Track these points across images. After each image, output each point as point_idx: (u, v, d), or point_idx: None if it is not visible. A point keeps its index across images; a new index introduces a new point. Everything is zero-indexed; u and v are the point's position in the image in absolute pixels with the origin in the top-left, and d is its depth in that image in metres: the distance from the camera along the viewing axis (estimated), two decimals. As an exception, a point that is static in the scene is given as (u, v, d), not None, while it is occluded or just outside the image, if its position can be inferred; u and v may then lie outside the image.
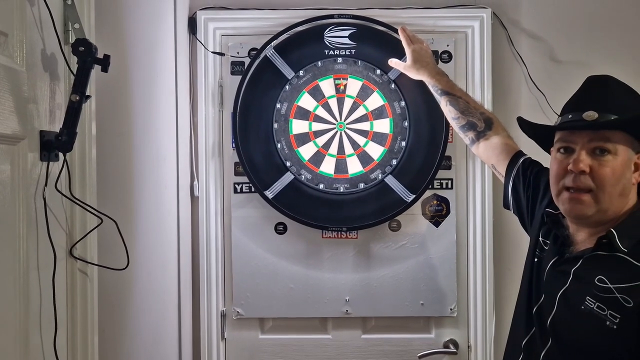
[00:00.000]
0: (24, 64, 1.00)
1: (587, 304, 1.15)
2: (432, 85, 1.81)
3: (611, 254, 1.16)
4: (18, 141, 0.98)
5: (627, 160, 1.18)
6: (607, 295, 1.13)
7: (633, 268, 1.13)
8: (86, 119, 1.21)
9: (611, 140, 1.17)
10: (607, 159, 1.17)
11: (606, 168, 1.17)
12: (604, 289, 1.14)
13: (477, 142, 1.69)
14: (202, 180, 2.12)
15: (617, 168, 1.17)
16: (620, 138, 1.18)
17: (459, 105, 1.73)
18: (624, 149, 1.18)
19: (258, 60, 2.06)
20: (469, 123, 1.70)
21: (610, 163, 1.17)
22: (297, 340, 2.16)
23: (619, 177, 1.17)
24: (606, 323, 1.11)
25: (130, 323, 1.54)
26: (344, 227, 2.08)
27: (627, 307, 1.10)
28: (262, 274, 2.13)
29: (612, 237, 1.16)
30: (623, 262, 1.14)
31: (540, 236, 1.37)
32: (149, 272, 1.68)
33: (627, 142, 1.18)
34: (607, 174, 1.17)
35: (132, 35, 1.55)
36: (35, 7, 1.04)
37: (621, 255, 1.15)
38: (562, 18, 2.11)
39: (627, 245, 1.15)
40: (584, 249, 1.23)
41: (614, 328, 1.10)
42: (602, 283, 1.14)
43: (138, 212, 1.59)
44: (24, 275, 1.00)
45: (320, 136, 2.08)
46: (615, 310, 1.11)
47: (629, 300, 1.10)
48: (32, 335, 1.02)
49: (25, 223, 1.00)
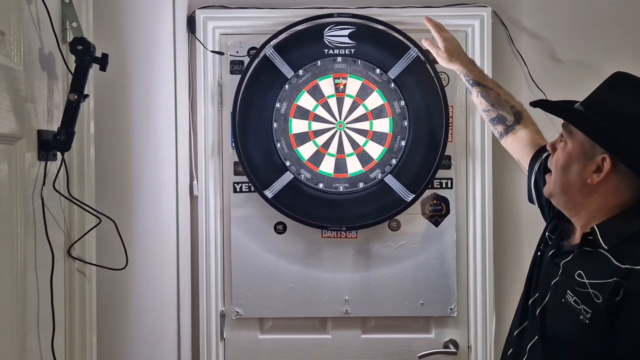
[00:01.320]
0: (21, 63, 0.99)
1: (567, 297, 1.18)
2: (465, 74, 1.80)
3: (595, 250, 1.18)
4: (16, 140, 0.97)
5: (576, 153, 1.21)
6: (582, 290, 1.15)
7: (611, 266, 1.13)
8: (84, 118, 1.20)
9: (568, 130, 1.22)
10: (561, 146, 1.24)
11: (558, 153, 1.24)
12: (581, 283, 1.16)
13: (505, 136, 1.70)
14: (201, 180, 2.11)
15: (562, 157, 1.23)
16: (579, 133, 1.20)
17: (490, 98, 1.73)
18: (577, 143, 1.20)
19: (257, 60, 2.05)
20: (499, 116, 1.70)
21: (560, 151, 1.24)
22: (296, 340, 2.15)
23: (563, 167, 1.22)
24: (579, 317, 1.14)
25: (129, 323, 1.53)
26: (344, 227, 2.08)
27: (596, 302, 1.12)
28: (261, 273, 2.12)
29: (595, 234, 1.18)
30: (603, 259, 1.16)
31: (547, 231, 1.39)
32: (148, 272, 1.68)
33: (584, 138, 1.19)
34: (557, 157, 1.24)
35: (130, 34, 1.55)
36: (33, 6, 1.04)
37: (603, 252, 1.16)
38: (562, 17, 2.10)
39: (610, 244, 1.16)
40: (575, 243, 1.25)
41: (586, 322, 1.13)
42: (580, 278, 1.17)
43: (137, 211, 1.58)
44: (22, 275, 0.99)
45: (319, 136, 2.08)
46: (588, 306, 1.13)
47: (599, 295, 1.12)
48: (29, 336, 1.01)
49: (23, 223, 0.99)
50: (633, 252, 1.12)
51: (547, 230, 1.40)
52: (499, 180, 2.10)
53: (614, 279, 1.10)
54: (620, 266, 1.11)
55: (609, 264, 1.14)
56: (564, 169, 1.23)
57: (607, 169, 1.17)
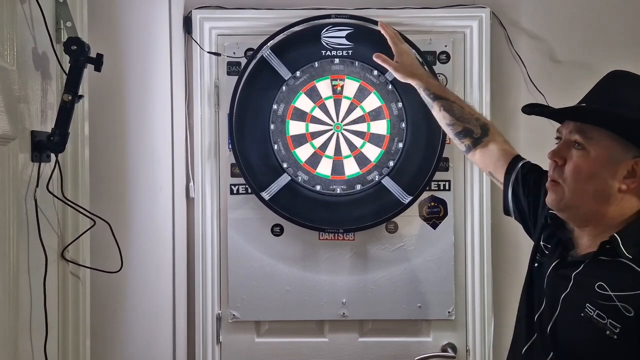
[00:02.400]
0: (14, 63, 0.98)
1: (587, 311, 1.10)
2: (424, 89, 1.68)
3: (613, 260, 1.11)
4: (8, 141, 0.96)
5: (603, 161, 1.11)
6: (607, 303, 1.07)
7: (636, 275, 1.06)
8: (79, 119, 1.18)
9: (588, 136, 1.12)
10: (579, 154, 1.13)
11: (573, 163, 1.13)
12: (604, 296, 1.08)
13: (473, 150, 1.60)
14: (197, 182, 2.10)
15: (585, 167, 1.12)
16: (600, 137, 1.11)
17: (453, 111, 1.62)
18: (603, 149, 1.11)
19: (254, 61, 2.04)
20: (465, 130, 1.60)
21: (580, 159, 1.13)
22: (293, 344, 2.14)
23: (586, 176, 1.12)
24: (606, 332, 1.06)
25: (124, 327, 1.51)
26: (341, 229, 2.07)
27: (627, 316, 1.04)
28: (258, 276, 2.11)
29: (616, 242, 1.10)
30: (626, 268, 1.08)
31: (541, 240, 1.32)
32: (143, 275, 1.66)
33: (611, 142, 1.11)
34: (572, 168, 1.13)
35: (126, 34, 1.53)
36: (26, 4, 1.02)
37: (624, 262, 1.08)
38: (561, 18, 2.10)
39: (632, 252, 1.09)
40: (586, 252, 1.18)
41: (614, 338, 1.05)
42: (602, 290, 1.09)
43: (132, 213, 1.57)
44: (14, 278, 0.97)
45: (317, 137, 2.07)
46: (615, 320, 1.05)
47: (630, 309, 1.04)
48: (21, 340, 1.00)
49: (15, 225, 0.97)
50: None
51: (540, 239, 1.32)
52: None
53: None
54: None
55: (634, 274, 1.07)
56: (589, 179, 1.13)
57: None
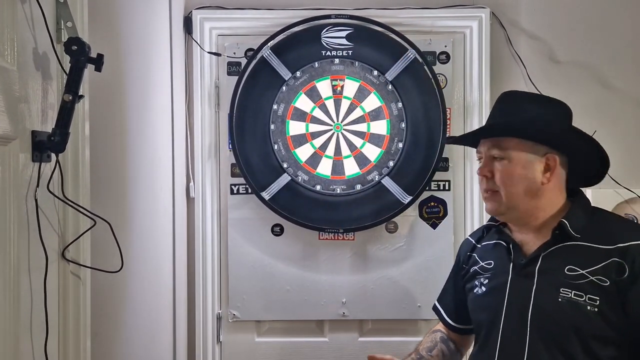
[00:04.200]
0: (15, 63, 0.98)
1: (563, 294, 1.20)
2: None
3: (566, 244, 1.23)
4: (9, 141, 0.96)
5: (523, 163, 1.26)
6: (581, 281, 1.18)
7: (594, 250, 1.20)
8: (79, 119, 1.19)
9: (503, 147, 1.28)
10: (503, 164, 1.28)
11: (501, 172, 1.28)
12: (576, 276, 1.19)
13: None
14: (198, 182, 2.10)
15: (511, 171, 1.27)
16: (514, 144, 1.27)
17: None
18: (519, 154, 1.27)
19: (255, 61, 2.04)
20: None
21: (506, 167, 1.28)
22: (293, 343, 2.14)
23: (516, 179, 1.27)
24: (587, 308, 1.17)
25: (124, 326, 1.52)
26: (341, 229, 2.07)
27: (604, 286, 1.16)
28: (258, 276, 2.11)
29: (565, 226, 1.24)
30: (581, 248, 1.22)
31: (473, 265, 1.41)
32: (144, 275, 1.66)
33: (523, 147, 1.27)
34: (502, 176, 1.28)
35: (126, 34, 1.53)
36: (27, 5, 1.02)
37: (577, 243, 1.22)
38: (561, 18, 2.10)
39: (578, 232, 1.23)
40: (535, 248, 1.28)
41: (595, 311, 1.16)
42: (572, 272, 1.20)
43: (132, 213, 1.57)
44: (15, 278, 0.97)
45: (317, 137, 2.07)
46: (593, 293, 1.17)
47: (604, 279, 1.16)
48: (22, 340, 1.00)
49: (16, 225, 0.97)
50: (611, 234, 1.21)
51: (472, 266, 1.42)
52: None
53: (613, 259, 1.16)
54: (609, 247, 1.18)
55: (592, 249, 1.20)
56: (518, 180, 1.27)
57: (556, 164, 1.26)
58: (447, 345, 1.52)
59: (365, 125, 2.06)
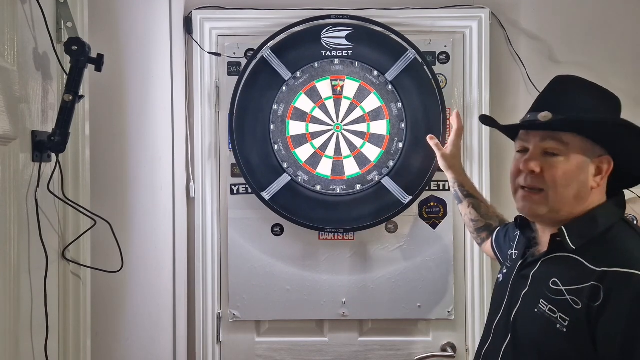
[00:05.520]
0: (15, 63, 0.98)
1: (541, 306, 1.14)
2: (459, 184, 1.85)
3: (565, 255, 1.15)
4: (9, 141, 0.96)
5: (580, 164, 1.16)
6: (559, 297, 1.11)
7: (584, 269, 1.10)
8: (79, 119, 1.19)
9: (563, 143, 1.17)
10: (558, 161, 1.17)
11: (556, 170, 1.17)
12: (556, 291, 1.13)
13: (487, 241, 1.75)
14: (198, 182, 2.11)
15: (568, 171, 1.16)
16: (573, 141, 1.16)
17: (481, 209, 1.80)
18: (577, 153, 1.16)
19: (255, 61, 2.04)
20: (487, 225, 1.77)
21: (561, 165, 1.16)
22: (293, 343, 2.14)
23: (570, 180, 1.16)
24: (556, 326, 1.10)
25: (124, 326, 1.52)
26: (341, 229, 2.07)
27: (576, 309, 1.08)
28: (258, 275, 2.11)
29: (562, 234, 1.16)
30: (574, 262, 1.13)
31: (511, 249, 1.41)
32: (144, 275, 1.67)
33: (580, 146, 1.16)
34: (557, 175, 1.16)
35: (126, 34, 1.54)
36: (27, 5, 1.03)
37: (573, 256, 1.14)
38: (561, 18, 2.10)
39: (576, 244, 1.14)
40: (544, 250, 1.22)
41: (563, 331, 1.09)
42: (555, 285, 1.13)
43: (133, 213, 1.57)
44: (15, 278, 0.98)
45: (317, 137, 2.07)
46: (565, 313, 1.09)
47: (578, 301, 1.08)
48: (22, 340, 1.00)
49: (16, 225, 0.98)
50: (606, 254, 1.09)
51: (509, 250, 1.42)
52: (497, 181, 2.09)
53: (591, 283, 1.06)
54: (596, 269, 1.08)
55: (582, 267, 1.11)
56: (571, 183, 1.16)
57: (610, 168, 1.16)
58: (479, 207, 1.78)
59: (365, 125, 2.06)
